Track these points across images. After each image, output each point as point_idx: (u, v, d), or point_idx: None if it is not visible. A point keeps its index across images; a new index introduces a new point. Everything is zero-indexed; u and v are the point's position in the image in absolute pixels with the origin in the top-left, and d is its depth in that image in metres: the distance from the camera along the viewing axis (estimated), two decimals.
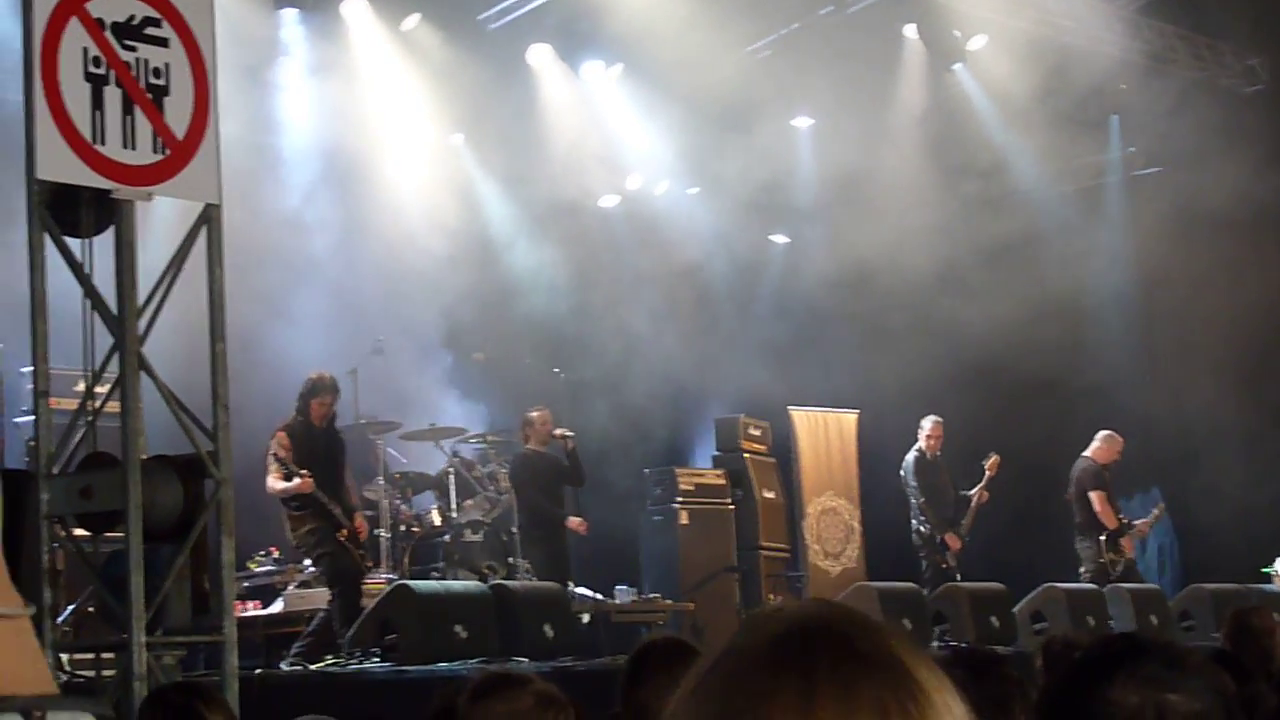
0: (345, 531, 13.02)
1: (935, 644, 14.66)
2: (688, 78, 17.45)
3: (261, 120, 16.36)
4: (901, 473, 17.38)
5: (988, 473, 17.32)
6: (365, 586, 14.30)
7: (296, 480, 12.79)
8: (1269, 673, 7.28)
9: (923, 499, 17.18)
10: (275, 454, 12.85)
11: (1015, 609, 15.53)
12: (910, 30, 18.93)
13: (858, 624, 1.50)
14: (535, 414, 16.09)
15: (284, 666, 12.14)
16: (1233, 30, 19.30)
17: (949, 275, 19.95)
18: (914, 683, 1.46)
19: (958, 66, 19.31)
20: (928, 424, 17.48)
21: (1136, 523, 17.61)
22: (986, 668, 5.87)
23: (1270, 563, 18.98)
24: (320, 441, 13.23)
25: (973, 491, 17.33)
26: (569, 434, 16.14)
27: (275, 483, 12.89)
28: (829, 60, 17.92)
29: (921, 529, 17.22)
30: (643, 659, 5.22)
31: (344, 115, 17.25)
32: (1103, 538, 17.34)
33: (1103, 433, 17.73)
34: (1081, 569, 17.42)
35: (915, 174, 19.98)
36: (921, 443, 17.45)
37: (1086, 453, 17.63)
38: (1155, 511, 17.63)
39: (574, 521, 15.89)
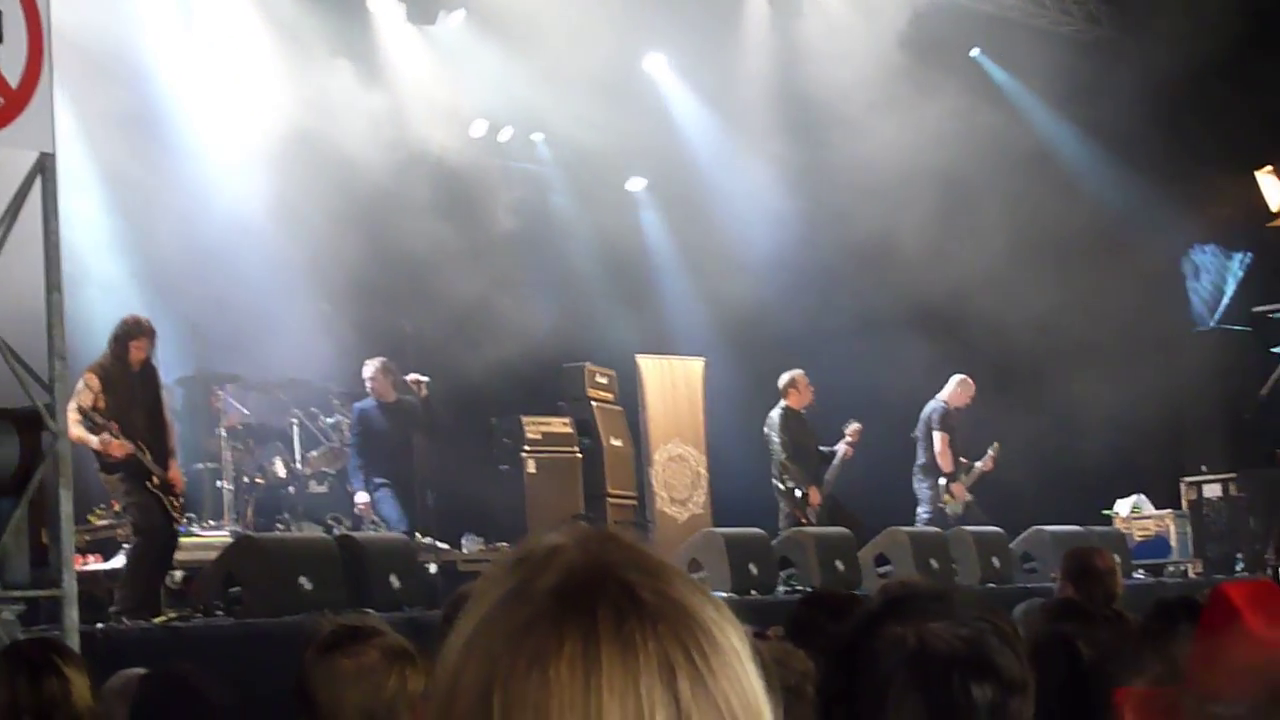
0: (156, 479, 12.33)
1: (782, 588, 14.77)
2: (532, 23, 17.34)
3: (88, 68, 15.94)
4: (765, 429, 17.03)
5: (849, 437, 17.23)
6: (208, 540, 14.10)
7: (106, 437, 11.97)
8: (1115, 611, 7.39)
9: (784, 456, 16.81)
10: (80, 405, 11.85)
11: (860, 552, 15.65)
12: None
13: (641, 568, 1.45)
14: (368, 368, 15.88)
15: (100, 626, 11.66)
16: None
17: (797, 220, 20.03)
18: (701, 631, 1.43)
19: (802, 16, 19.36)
20: (798, 378, 17.11)
21: (976, 464, 17.78)
22: (844, 608, 5.94)
23: (1111, 505, 19.32)
24: (135, 383, 12.43)
25: (837, 447, 17.23)
26: (423, 379, 15.97)
27: (75, 429, 11.58)
28: (677, 7, 17.92)
29: (781, 484, 16.98)
30: (457, 608, 5.05)
31: (174, 64, 16.93)
32: (941, 480, 17.51)
33: (957, 376, 17.85)
34: (919, 508, 17.58)
35: (768, 120, 20.02)
36: (788, 398, 17.08)
37: (940, 395, 17.79)
38: (990, 453, 17.80)
39: None
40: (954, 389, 17.78)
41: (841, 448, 17.13)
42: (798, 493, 16.79)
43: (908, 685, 2.55)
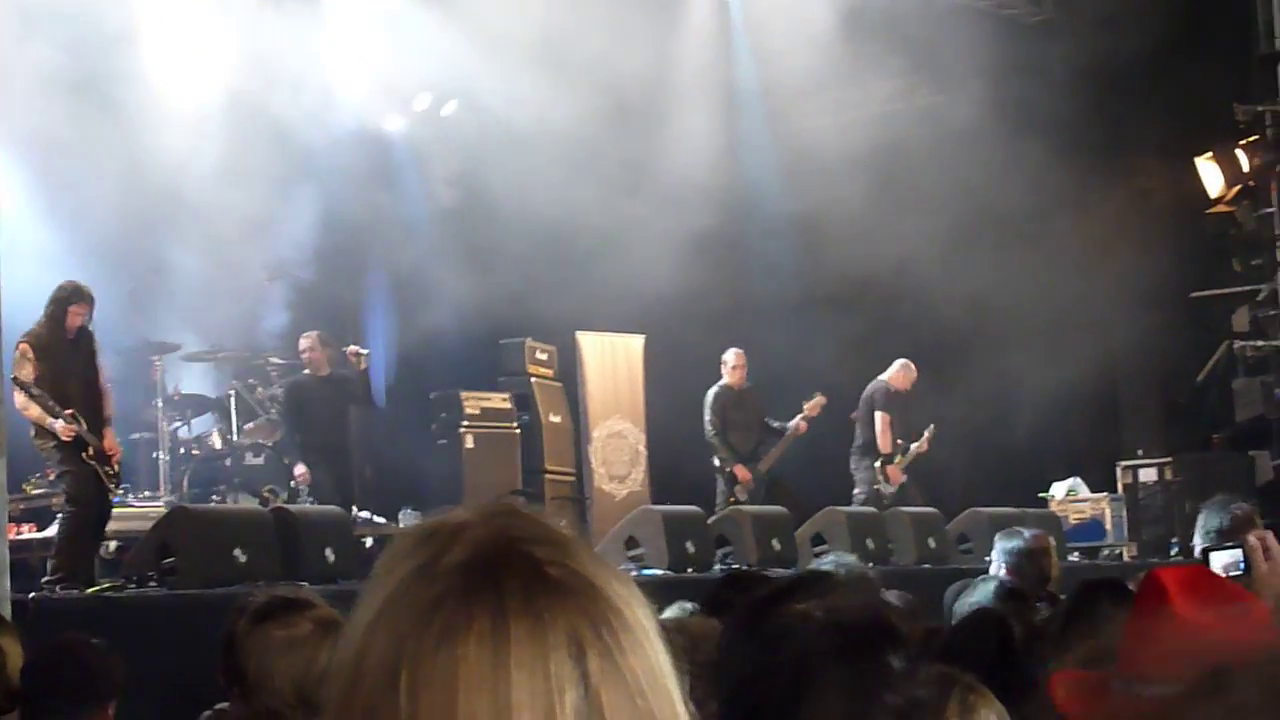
0: (92, 449, 12.13)
1: (718, 566, 14.77)
2: None
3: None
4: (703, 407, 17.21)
5: (807, 411, 17.29)
6: (143, 510, 14.03)
7: (61, 424, 11.85)
8: (1048, 592, 7.49)
9: (714, 433, 17.02)
10: (17, 377, 11.71)
11: (797, 532, 15.68)
12: None
13: (547, 542, 1.46)
14: (304, 341, 15.79)
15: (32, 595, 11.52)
16: None
17: (737, 196, 20.02)
18: (608, 607, 1.44)
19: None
20: (730, 356, 17.29)
21: (911, 446, 17.85)
22: (757, 587, 5.97)
23: (1046, 487, 19.41)
24: (70, 350, 12.27)
25: (789, 424, 17.28)
26: (362, 352, 15.89)
27: (31, 407, 11.83)
28: None
29: (715, 461, 17.16)
30: None
31: (112, 29, 16.76)
32: (878, 462, 17.59)
33: (901, 360, 17.96)
34: (856, 490, 17.65)
35: (710, 94, 20.02)
36: (726, 377, 17.23)
37: (882, 376, 17.88)
38: (926, 434, 17.88)
39: None
40: (897, 371, 17.89)
41: (794, 423, 17.20)
42: (727, 469, 16.90)
43: (830, 658, 2.57)
